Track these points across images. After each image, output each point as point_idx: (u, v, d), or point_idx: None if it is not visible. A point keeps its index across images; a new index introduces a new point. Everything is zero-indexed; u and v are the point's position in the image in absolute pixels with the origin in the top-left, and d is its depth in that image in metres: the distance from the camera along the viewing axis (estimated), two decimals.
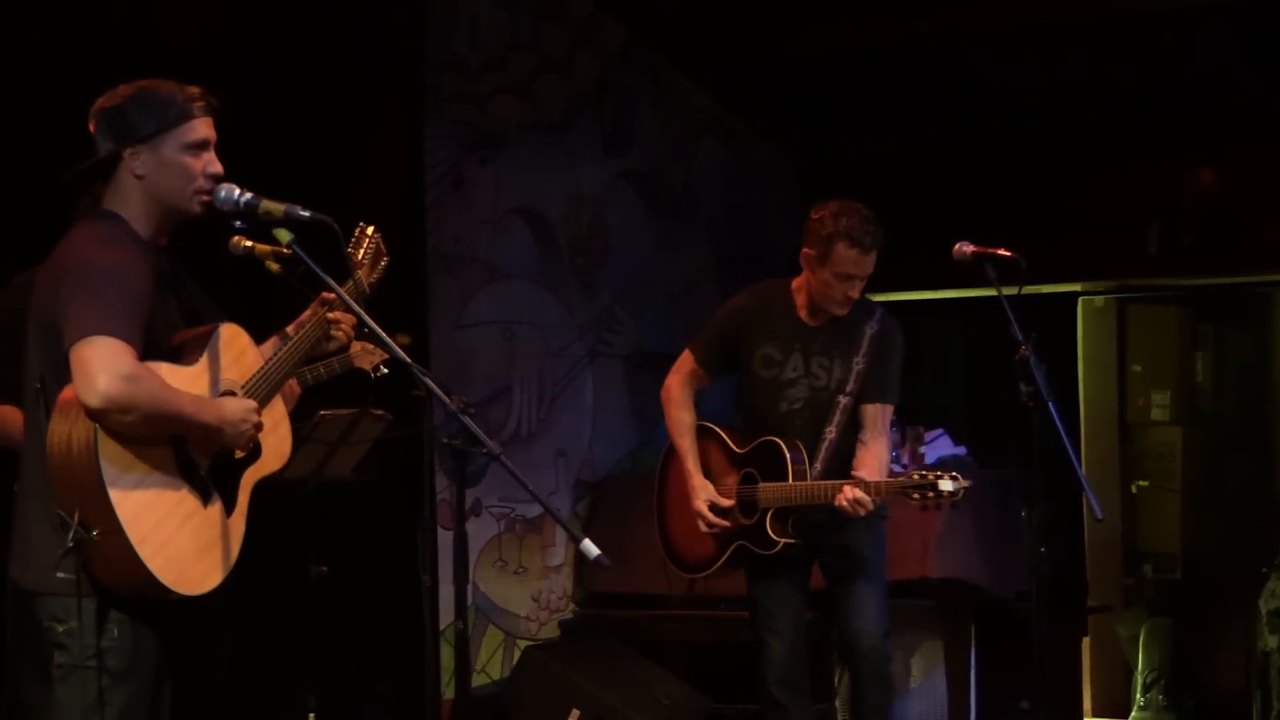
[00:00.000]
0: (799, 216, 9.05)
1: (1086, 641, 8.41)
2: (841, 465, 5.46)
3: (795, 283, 5.56)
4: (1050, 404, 4.96)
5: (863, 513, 5.23)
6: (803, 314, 5.51)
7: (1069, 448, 4.98)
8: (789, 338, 5.50)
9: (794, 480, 5.37)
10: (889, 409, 5.56)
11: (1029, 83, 7.91)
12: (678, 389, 5.66)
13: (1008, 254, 5.14)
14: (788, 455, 5.40)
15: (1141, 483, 9.13)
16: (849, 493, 5.23)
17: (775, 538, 5.40)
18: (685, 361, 5.67)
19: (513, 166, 7.51)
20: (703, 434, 5.65)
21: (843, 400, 5.45)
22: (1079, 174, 8.32)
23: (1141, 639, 8.52)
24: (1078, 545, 8.56)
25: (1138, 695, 8.49)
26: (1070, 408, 5.26)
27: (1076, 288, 8.84)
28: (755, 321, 5.55)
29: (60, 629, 3.57)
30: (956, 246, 5.25)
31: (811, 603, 6.51)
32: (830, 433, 5.45)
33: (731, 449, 5.59)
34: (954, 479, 5.21)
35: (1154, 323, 9.19)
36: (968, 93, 7.97)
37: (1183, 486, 9.06)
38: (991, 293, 5.17)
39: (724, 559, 5.55)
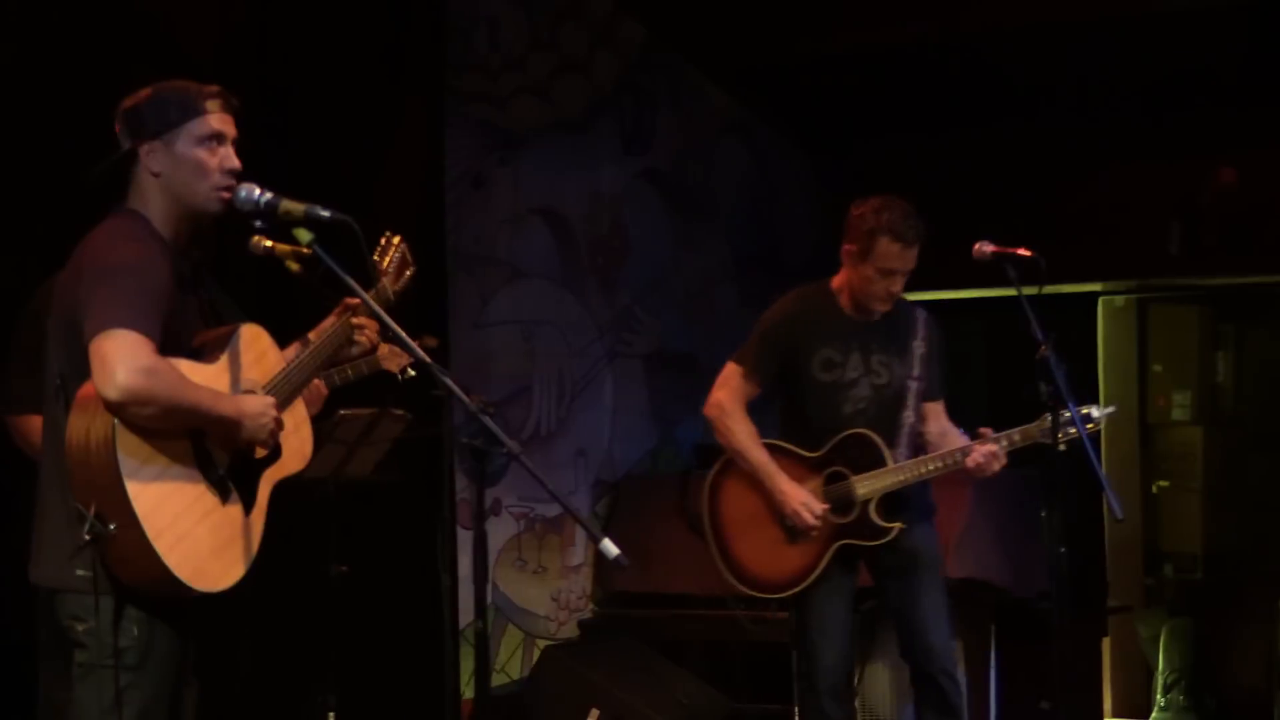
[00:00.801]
0: (819, 216, 9.10)
1: (1107, 642, 8.40)
2: (918, 451, 5.42)
3: (835, 282, 5.50)
4: (1070, 404, 4.96)
5: (997, 468, 5.18)
6: (851, 312, 5.46)
7: (1089, 448, 4.97)
8: (845, 337, 5.43)
9: (894, 464, 5.32)
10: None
11: (1049, 81, 7.89)
12: (731, 402, 5.50)
13: (1027, 253, 5.13)
14: (880, 441, 5.34)
15: (1162, 483, 9.11)
16: (983, 449, 5.17)
17: (888, 524, 5.32)
18: (732, 374, 5.53)
19: (532, 166, 7.51)
20: (767, 450, 5.48)
21: (913, 385, 5.40)
22: (1099, 173, 8.31)
23: (1162, 639, 8.50)
24: (1098, 545, 8.55)
25: (1158, 696, 8.48)
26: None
27: (1097, 287, 8.83)
28: (807, 326, 5.46)
29: (80, 628, 3.58)
30: (976, 246, 5.25)
31: None
32: (909, 417, 5.40)
33: (802, 455, 5.44)
34: (1099, 407, 5.19)
35: (1175, 322, 9.17)
36: (988, 91, 7.96)
37: (1204, 486, 9.04)
38: (1011, 292, 5.17)
39: (825, 563, 5.36)
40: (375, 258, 4.15)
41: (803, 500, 5.34)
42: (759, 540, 5.46)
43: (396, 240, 4.21)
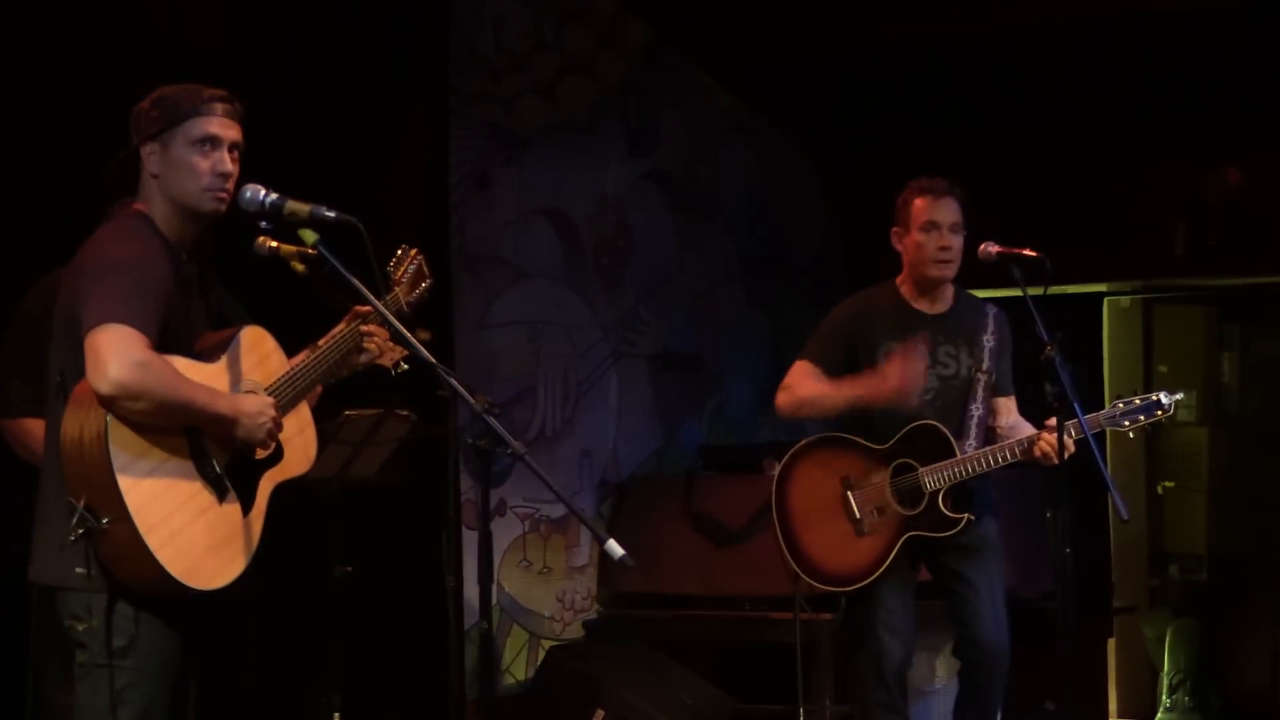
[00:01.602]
0: (823, 216, 9.10)
1: (1112, 643, 8.40)
2: (989, 445, 5.37)
3: (898, 279, 5.50)
4: (1076, 404, 4.96)
5: (1065, 456, 5.12)
6: (918, 304, 5.45)
7: (1094, 448, 4.97)
8: (910, 329, 5.41)
9: (962, 455, 5.28)
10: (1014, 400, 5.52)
11: (1054, 82, 7.89)
12: (797, 385, 5.45)
13: (1033, 254, 5.14)
14: (947, 432, 5.31)
15: (1167, 483, 9.11)
16: (1049, 437, 5.10)
17: (956, 515, 5.30)
18: (797, 369, 5.49)
19: (537, 167, 7.51)
20: (831, 442, 5.48)
21: (982, 378, 5.38)
22: (1104, 173, 8.30)
23: (1167, 640, 8.50)
24: (1103, 546, 8.55)
25: (1163, 696, 8.47)
26: (1095, 408, 5.25)
27: (1102, 288, 8.82)
28: (871, 320, 5.46)
29: (80, 627, 3.58)
30: (981, 247, 5.25)
31: (829, 602, 6.49)
32: (977, 409, 5.37)
33: (870, 447, 5.41)
34: (1167, 393, 5.19)
35: (1180, 323, 9.17)
36: (993, 92, 7.95)
37: (1209, 487, 9.03)
38: (1017, 293, 5.18)
39: (893, 555, 5.34)
40: (390, 268, 4.15)
41: (899, 353, 5.31)
42: (826, 533, 5.43)
43: (414, 252, 4.21)
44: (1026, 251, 5.17)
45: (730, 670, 7.27)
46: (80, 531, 3.47)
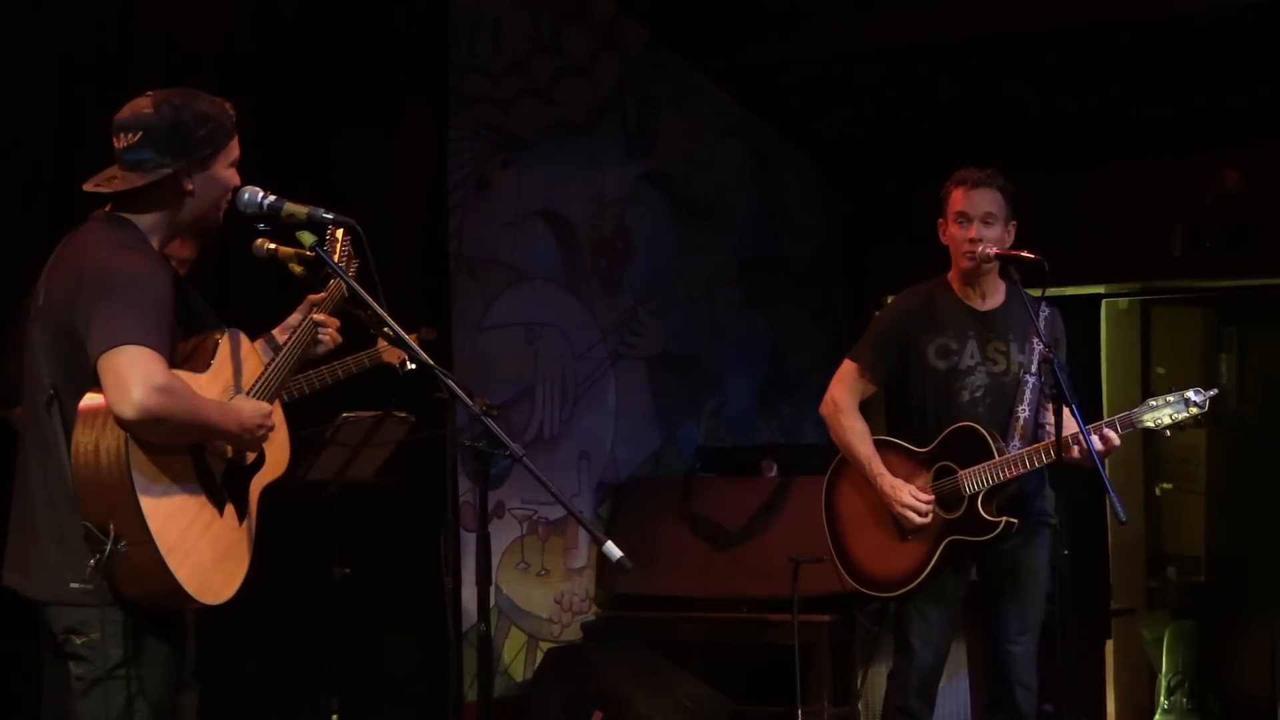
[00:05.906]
0: (822, 217, 9.10)
1: (1110, 644, 8.39)
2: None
3: (949, 275, 5.41)
4: (1074, 407, 4.95)
5: (1112, 449, 5.07)
6: (968, 300, 5.36)
7: (1092, 451, 4.96)
8: (961, 325, 5.33)
9: (1000, 457, 5.19)
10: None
11: (1052, 84, 7.89)
12: (844, 398, 5.40)
13: (1031, 256, 5.13)
14: (987, 434, 5.22)
15: (1165, 485, 9.11)
16: (1087, 438, 4.99)
17: (995, 518, 5.20)
18: (848, 372, 5.43)
19: (535, 169, 7.52)
20: (876, 445, 5.39)
21: (1030, 379, 5.28)
22: (1102, 175, 8.30)
23: (1165, 642, 8.50)
24: (1101, 548, 8.54)
25: (1162, 698, 8.47)
26: (1094, 410, 5.24)
27: (1100, 290, 8.82)
28: (922, 318, 5.37)
29: (79, 641, 3.53)
30: (980, 248, 5.25)
31: (829, 604, 6.46)
32: (1023, 411, 5.27)
33: (912, 450, 5.34)
34: (1198, 391, 5.10)
35: (1178, 325, 9.17)
36: (991, 94, 7.95)
37: (1207, 489, 9.03)
38: None
39: (935, 560, 5.27)
40: (326, 248, 4.08)
41: (906, 502, 5.27)
42: (872, 538, 5.38)
43: (340, 234, 4.11)
44: (1025, 254, 5.17)
45: (728, 672, 7.27)
46: (104, 557, 3.42)
